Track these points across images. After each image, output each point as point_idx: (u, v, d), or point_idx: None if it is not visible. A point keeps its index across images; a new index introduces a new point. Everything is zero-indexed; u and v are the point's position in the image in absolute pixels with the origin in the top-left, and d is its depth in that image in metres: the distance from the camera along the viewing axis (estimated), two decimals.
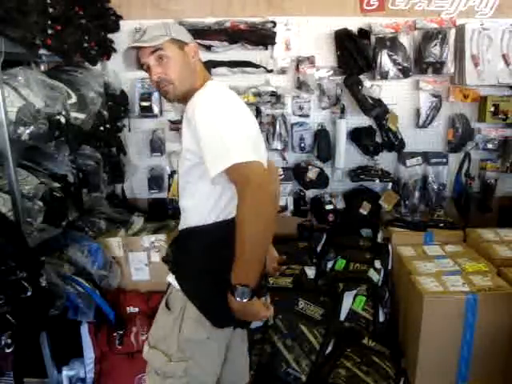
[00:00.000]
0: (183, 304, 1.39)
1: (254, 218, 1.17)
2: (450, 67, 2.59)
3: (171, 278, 1.45)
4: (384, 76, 2.60)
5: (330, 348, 2.16)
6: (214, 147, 1.22)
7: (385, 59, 2.57)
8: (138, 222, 2.48)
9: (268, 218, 1.19)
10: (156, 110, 2.70)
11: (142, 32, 1.37)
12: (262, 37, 2.58)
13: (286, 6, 2.61)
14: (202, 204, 1.37)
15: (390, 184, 2.80)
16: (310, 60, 2.62)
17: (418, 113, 2.73)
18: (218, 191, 1.33)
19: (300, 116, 2.73)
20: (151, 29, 1.37)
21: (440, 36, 2.55)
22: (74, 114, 2.05)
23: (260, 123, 2.56)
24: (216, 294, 1.30)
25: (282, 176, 2.72)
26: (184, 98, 1.39)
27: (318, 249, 2.55)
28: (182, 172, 1.39)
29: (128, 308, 2.22)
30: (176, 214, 2.72)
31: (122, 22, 2.57)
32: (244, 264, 1.20)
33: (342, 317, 2.22)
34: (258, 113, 2.64)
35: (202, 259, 1.38)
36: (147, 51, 1.35)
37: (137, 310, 2.22)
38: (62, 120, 1.90)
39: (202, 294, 1.38)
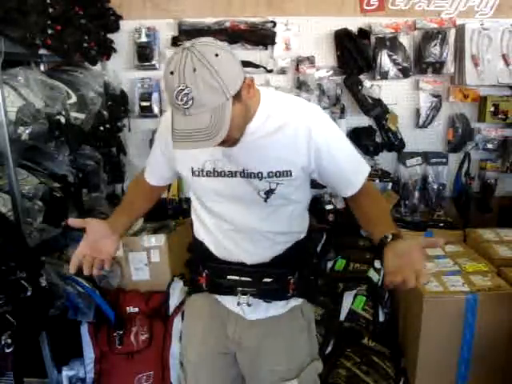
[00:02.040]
0: (301, 309, 1.42)
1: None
2: (449, 67, 2.59)
3: (295, 302, 1.39)
4: (384, 76, 2.60)
5: (329, 348, 2.16)
6: (355, 161, 1.29)
7: (385, 59, 2.57)
8: (137, 221, 2.47)
9: None
10: (156, 110, 2.70)
11: (184, 95, 0.98)
12: (261, 37, 2.58)
13: (285, 6, 2.61)
14: (302, 216, 1.39)
15: (390, 184, 2.79)
16: (310, 60, 2.62)
17: (417, 113, 2.73)
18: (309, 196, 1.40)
19: None
20: (198, 92, 0.97)
21: (440, 36, 2.55)
22: (73, 114, 2.05)
23: None
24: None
25: None
26: None
27: (318, 249, 2.54)
28: (284, 194, 1.24)
29: (128, 308, 2.21)
30: (176, 214, 2.75)
31: (122, 22, 2.57)
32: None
33: (342, 317, 2.22)
34: None
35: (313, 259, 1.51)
36: None
37: (137, 309, 2.22)
38: (62, 120, 1.90)
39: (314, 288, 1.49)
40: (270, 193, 1.22)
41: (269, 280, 1.31)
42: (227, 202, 1.27)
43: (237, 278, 1.32)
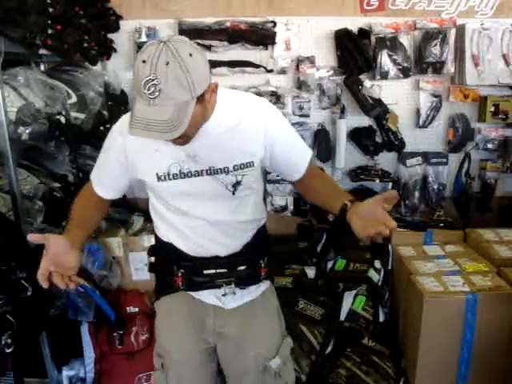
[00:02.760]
0: (271, 291, 1.52)
1: None
2: (450, 67, 2.59)
3: (264, 285, 1.48)
4: (384, 76, 2.60)
5: (329, 348, 2.16)
6: (300, 147, 1.40)
7: (385, 59, 2.57)
8: (138, 221, 2.48)
9: None
10: None
11: (152, 86, 1.00)
12: (262, 37, 2.57)
13: (286, 6, 2.60)
14: (261, 203, 1.46)
15: (390, 184, 2.79)
16: (310, 60, 2.62)
17: (418, 113, 2.72)
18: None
19: (300, 116, 2.73)
20: (168, 86, 1.00)
21: (440, 36, 2.55)
22: (74, 114, 2.05)
23: None
24: None
25: None
26: None
27: (318, 249, 2.54)
28: (249, 183, 1.32)
29: (128, 308, 2.22)
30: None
31: (122, 22, 2.56)
32: None
33: (342, 317, 2.22)
34: None
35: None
36: None
37: (137, 309, 2.22)
38: (62, 120, 1.90)
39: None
40: (237, 185, 1.29)
41: (243, 268, 1.38)
42: (197, 201, 1.31)
43: (213, 271, 1.37)
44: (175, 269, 1.38)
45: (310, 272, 2.39)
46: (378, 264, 2.38)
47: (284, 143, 1.33)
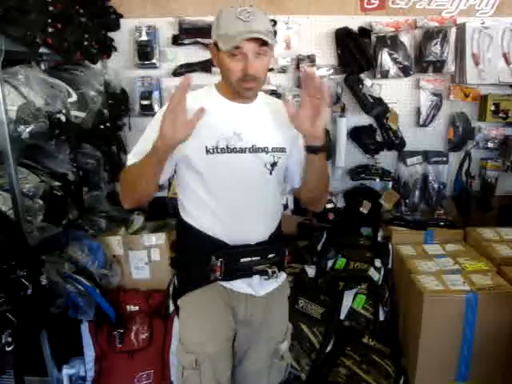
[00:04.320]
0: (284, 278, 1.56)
1: None
2: (450, 66, 2.59)
3: (284, 274, 1.54)
4: (384, 75, 2.60)
5: (330, 347, 2.17)
6: None
7: (385, 58, 2.57)
8: (138, 220, 2.48)
9: None
10: (156, 108, 2.69)
11: (247, 13, 1.24)
12: None
13: (286, 5, 2.60)
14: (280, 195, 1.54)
15: (391, 183, 2.80)
16: (311, 59, 2.62)
17: (418, 111, 2.73)
18: None
19: None
20: (259, 15, 1.25)
21: (441, 35, 2.55)
22: (74, 113, 2.04)
23: None
24: None
25: None
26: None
27: (319, 248, 2.54)
28: (282, 167, 1.43)
29: (128, 307, 2.22)
30: (176, 212, 2.74)
31: (122, 21, 2.57)
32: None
33: (342, 316, 2.22)
34: None
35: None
36: (258, 41, 1.25)
37: (137, 308, 2.22)
38: (63, 118, 1.90)
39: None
40: (274, 165, 1.40)
41: (272, 255, 1.44)
42: (238, 179, 1.37)
43: (249, 259, 1.41)
44: (214, 259, 1.40)
45: (311, 271, 2.39)
46: (378, 263, 2.38)
47: (300, 146, 1.43)
